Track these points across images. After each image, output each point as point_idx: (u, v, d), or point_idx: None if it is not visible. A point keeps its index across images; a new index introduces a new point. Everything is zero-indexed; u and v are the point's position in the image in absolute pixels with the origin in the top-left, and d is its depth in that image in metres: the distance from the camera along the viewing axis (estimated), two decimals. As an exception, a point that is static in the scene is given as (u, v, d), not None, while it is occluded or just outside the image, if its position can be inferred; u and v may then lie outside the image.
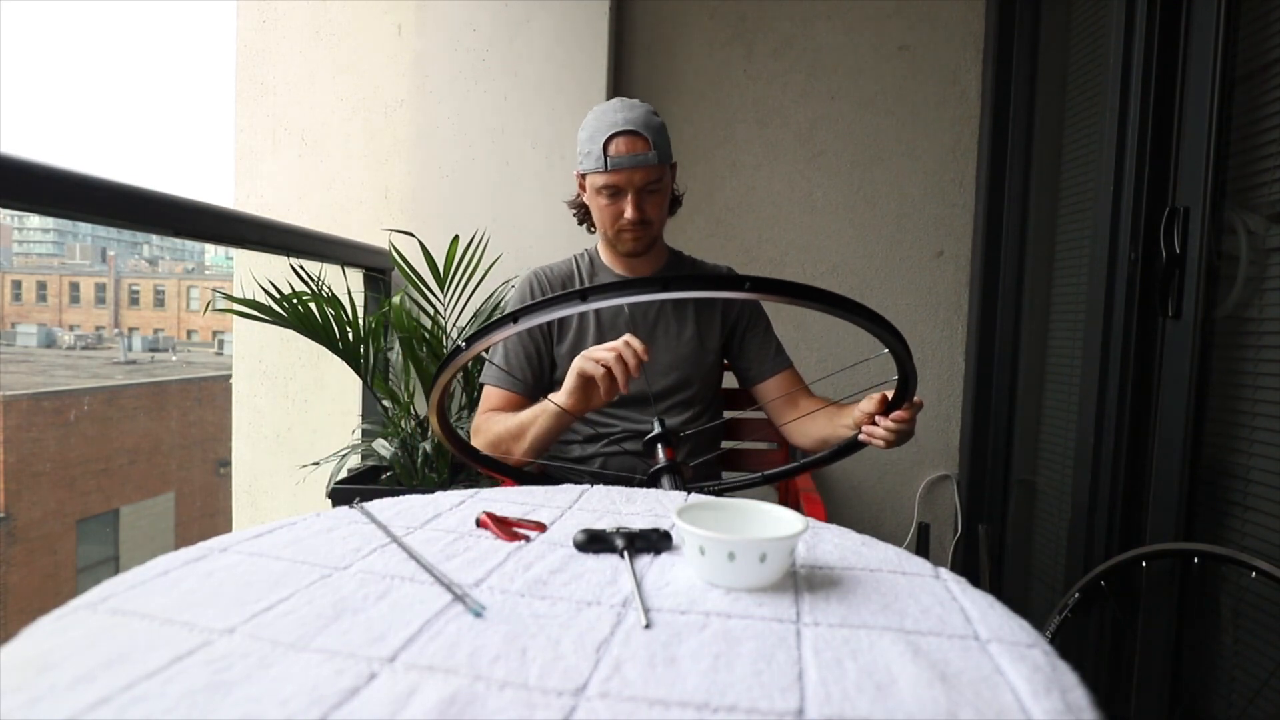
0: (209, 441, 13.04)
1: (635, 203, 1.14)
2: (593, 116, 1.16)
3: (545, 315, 0.76)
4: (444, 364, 0.85)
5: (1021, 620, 0.51)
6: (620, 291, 0.75)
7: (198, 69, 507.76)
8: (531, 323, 0.76)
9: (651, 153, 1.12)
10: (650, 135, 1.12)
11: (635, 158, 1.11)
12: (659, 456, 0.95)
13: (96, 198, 1.05)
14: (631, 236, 1.18)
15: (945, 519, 2.08)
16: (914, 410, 1.00)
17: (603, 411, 1.22)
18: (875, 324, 0.81)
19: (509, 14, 1.97)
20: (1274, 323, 1.11)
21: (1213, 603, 1.22)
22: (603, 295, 0.75)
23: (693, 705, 0.38)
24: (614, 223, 1.17)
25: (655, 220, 1.18)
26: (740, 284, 0.74)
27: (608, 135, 1.12)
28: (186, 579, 0.53)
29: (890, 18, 2.02)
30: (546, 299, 0.75)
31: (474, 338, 0.80)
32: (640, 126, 1.12)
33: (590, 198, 1.20)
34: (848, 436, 1.08)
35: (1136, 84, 1.30)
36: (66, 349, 24.05)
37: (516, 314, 0.76)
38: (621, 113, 1.13)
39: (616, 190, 1.15)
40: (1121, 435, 1.34)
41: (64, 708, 0.36)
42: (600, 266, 1.29)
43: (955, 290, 2.04)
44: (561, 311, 0.75)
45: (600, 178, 1.14)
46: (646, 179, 1.14)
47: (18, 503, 9.66)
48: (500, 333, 0.78)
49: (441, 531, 0.67)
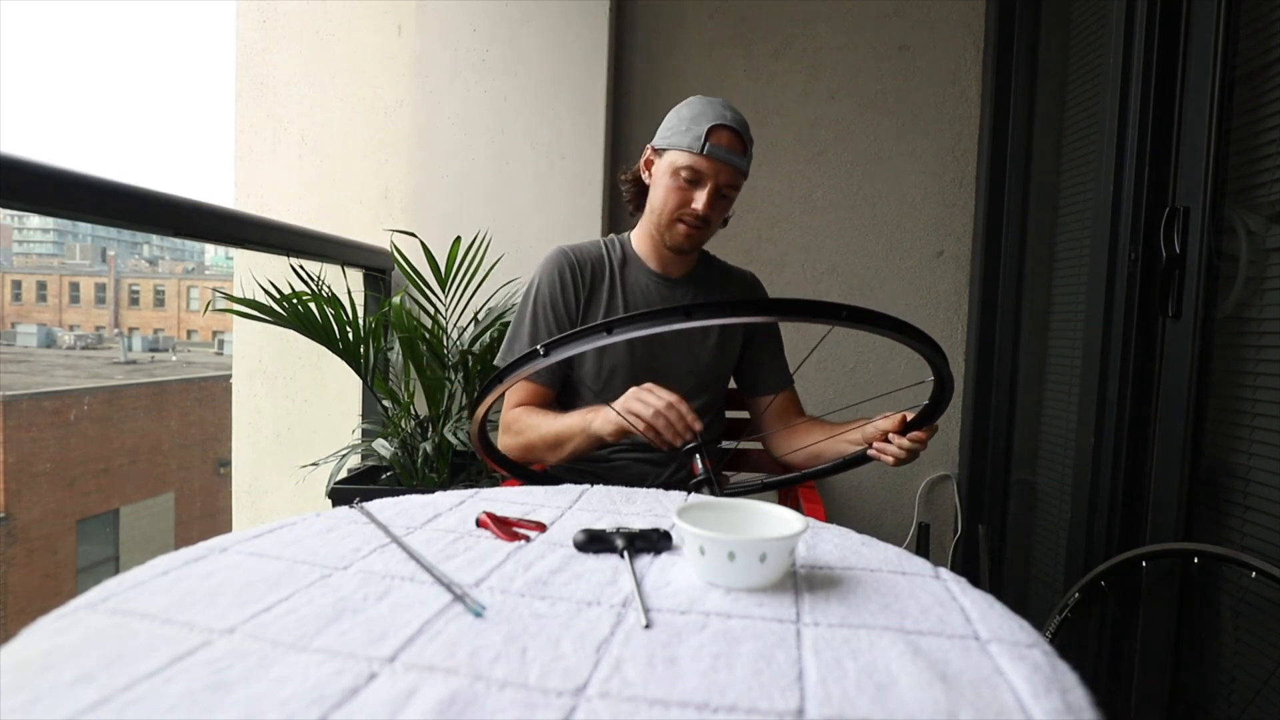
0: (209, 441, 13.04)
1: (710, 197, 1.11)
2: (699, 100, 1.14)
3: (643, 329, 0.74)
4: (512, 368, 0.82)
5: (1021, 620, 0.51)
6: (721, 312, 0.76)
7: (198, 69, 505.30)
8: (626, 336, 0.75)
9: (746, 159, 1.13)
10: (749, 144, 1.13)
11: (732, 155, 1.10)
12: (698, 467, 0.93)
13: (96, 198, 1.05)
14: (686, 230, 1.14)
15: (945, 519, 2.08)
16: (931, 433, 1.00)
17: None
18: (935, 353, 0.83)
19: (509, 14, 1.97)
20: (1274, 323, 1.11)
21: (1213, 603, 1.22)
22: (705, 314, 0.75)
23: (693, 705, 0.38)
24: (677, 209, 1.13)
25: (714, 223, 1.17)
26: (838, 313, 0.74)
27: (716, 122, 1.10)
28: (186, 579, 0.53)
29: (890, 18, 2.02)
30: (651, 312, 0.74)
31: (555, 345, 0.79)
32: (745, 130, 1.13)
33: (660, 176, 1.15)
34: (850, 452, 1.09)
35: (1136, 84, 1.30)
36: (66, 349, 24.05)
37: (611, 324, 0.74)
38: (730, 110, 1.13)
39: (698, 179, 1.11)
40: (1121, 435, 1.34)
41: (64, 708, 0.36)
42: (631, 256, 1.24)
43: (955, 290, 2.04)
44: (662, 327, 0.74)
45: (689, 158, 1.10)
46: (731, 180, 1.13)
47: (18, 503, 9.66)
48: (589, 343, 0.76)
49: (441, 531, 0.67)
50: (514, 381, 0.82)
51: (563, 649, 0.44)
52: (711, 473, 0.93)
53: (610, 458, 1.21)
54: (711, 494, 0.91)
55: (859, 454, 1.06)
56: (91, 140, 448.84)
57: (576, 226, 1.96)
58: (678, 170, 1.12)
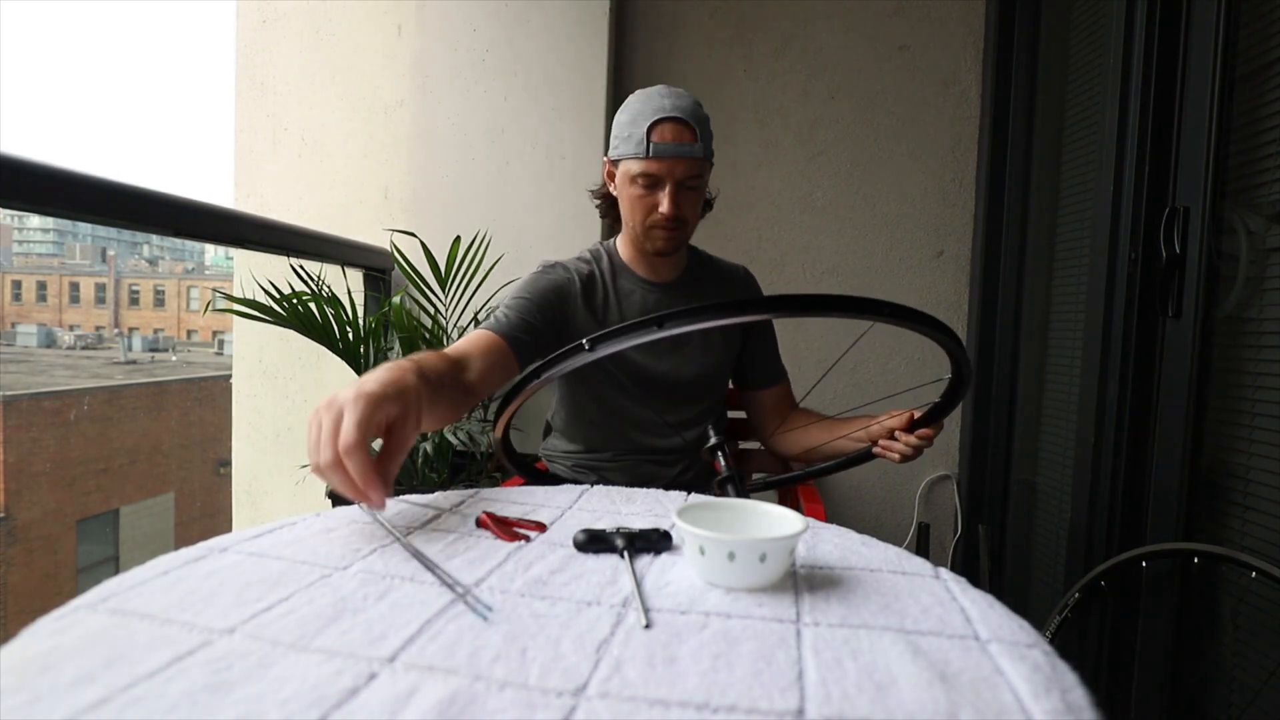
0: (209, 441, 13.04)
1: (673, 197, 1.05)
2: (635, 99, 1.07)
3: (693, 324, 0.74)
4: (551, 363, 0.81)
5: (1021, 620, 0.51)
6: (698, 318, 0.75)
7: (198, 69, 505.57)
8: (676, 331, 0.75)
9: (698, 144, 1.03)
10: (697, 126, 1.04)
11: (680, 147, 1.02)
12: (720, 465, 0.91)
13: (96, 198, 1.05)
14: (664, 235, 1.08)
15: (945, 519, 2.08)
16: (937, 431, 1.00)
17: (630, 423, 1.20)
18: (956, 347, 0.84)
19: (509, 14, 1.97)
20: (1274, 323, 1.11)
21: (1213, 603, 1.22)
22: (679, 322, 0.74)
23: (693, 705, 0.38)
24: (646, 216, 1.08)
25: (690, 219, 1.10)
26: (881, 308, 0.74)
27: (654, 119, 1.02)
28: (186, 579, 0.53)
29: (890, 18, 2.02)
30: (702, 306, 0.74)
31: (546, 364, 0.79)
32: (688, 115, 1.03)
33: (621, 188, 1.10)
34: (850, 449, 1.09)
35: (1136, 84, 1.30)
36: (66, 349, 24.05)
37: (661, 318, 0.74)
38: (669, 99, 1.04)
39: (654, 181, 1.05)
40: (1121, 435, 1.33)
41: (64, 708, 0.36)
42: (620, 266, 1.18)
43: (955, 290, 2.04)
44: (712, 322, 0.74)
45: (638, 164, 1.04)
46: (688, 172, 1.04)
47: (18, 503, 9.66)
48: (635, 338, 0.77)
49: (441, 531, 0.67)
50: (552, 376, 0.80)
51: (563, 649, 0.44)
52: (735, 470, 0.92)
53: (616, 458, 1.21)
54: (736, 492, 0.90)
55: (864, 451, 1.06)
56: (91, 140, 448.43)
57: (576, 226, 1.96)
58: (634, 178, 1.06)
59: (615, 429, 1.20)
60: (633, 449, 1.20)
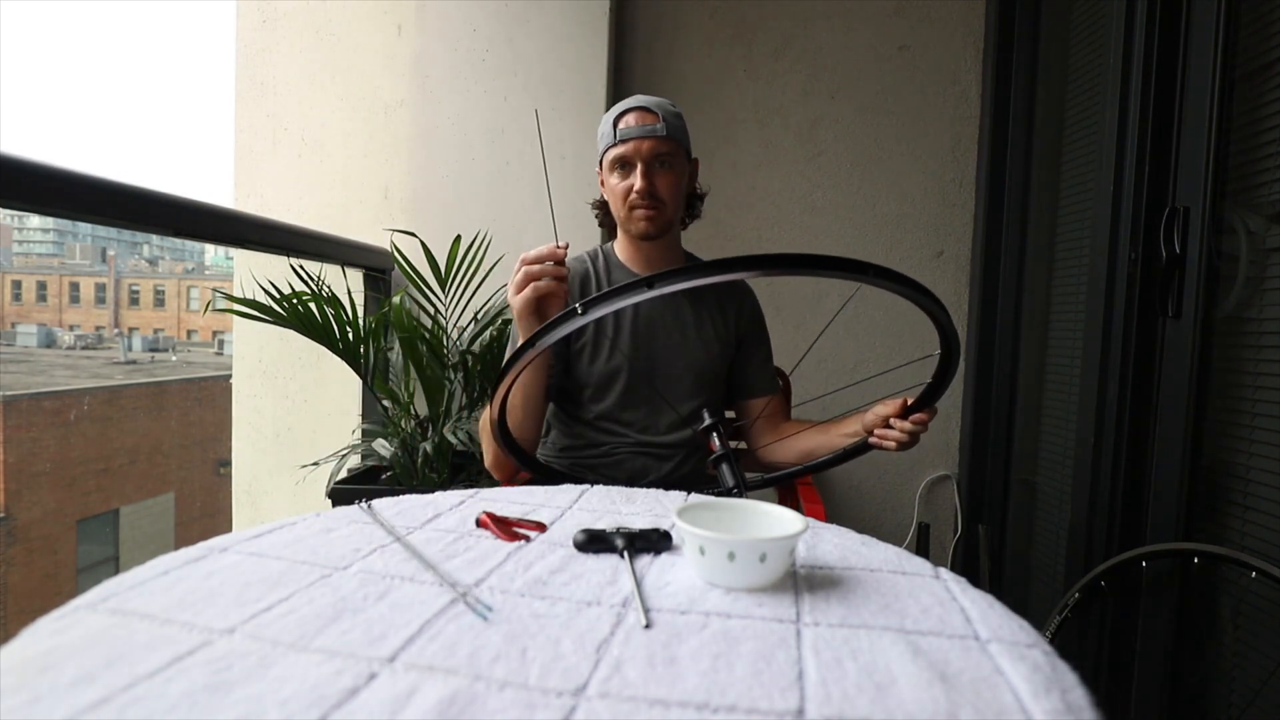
0: (209, 441, 13.04)
1: (645, 173, 1.13)
2: (613, 107, 1.19)
3: (682, 282, 0.73)
4: (549, 328, 0.80)
5: (1021, 620, 0.51)
6: (686, 276, 0.73)
7: (198, 69, 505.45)
8: (667, 290, 0.73)
9: (660, 125, 1.13)
10: (660, 112, 1.13)
11: (644, 128, 1.12)
12: (715, 444, 0.93)
13: (96, 198, 1.05)
14: (643, 214, 1.15)
15: (945, 519, 2.08)
16: (931, 415, 1.00)
17: (625, 419, 1.21)
18: (941, 312, 0.85)
19: (509, 14, 1.97)
20: (1274, 323, 1.11)
21: (1213, 603, 1.22)
22: (668, 281, 0.73)
23: (693, 705, 0.38)
24: (625, 198, 1.16)
25: (668, 201, 1.16)
26: (866, 269, 0.74)
27: (619, 111, 1.15)
28: (186, 579, 0.53)
29: (890, 18, 2.02)
30: (693, 265, 0.73)
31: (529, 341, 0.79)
32: (650, 104, 1.14)
33: (606, 185, 1.20)
34: (846, 445, 1.09)
35: (1136, 84, 1.30)
36: (66, 349, 24.05)
37: (651, 279, 0.73)
38: (639, 98, 1.16)
39: (625, 162, 1.14)
40: (1121, 435, 1.34)
41: (64, 708, 0.36)
42: (615, 263, 1.25)
43: (955, 290, 2.04)
44: (702, 279, 0.73)
45: (611, 152, 1.15)
46: (655, 149, 1.13)
47: (18, 503, 9.66)
48: (567, 326, 0.77)
49: (441, 531, 0.67)
50: (546, 344, 0.80)
51: (563, 649, 0.44)
52: (729, 449, 0.92)
53: (612, 452, 1.21)
54: (730, 471, 0.90)
55: (860, 443, 1.06)
56: (91, 140, 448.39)
57: (576, 226, 1.96)
58: (610, 167, 1.17)
59: (611, 424, 1.22)
60: (628, 444, 1.21)
